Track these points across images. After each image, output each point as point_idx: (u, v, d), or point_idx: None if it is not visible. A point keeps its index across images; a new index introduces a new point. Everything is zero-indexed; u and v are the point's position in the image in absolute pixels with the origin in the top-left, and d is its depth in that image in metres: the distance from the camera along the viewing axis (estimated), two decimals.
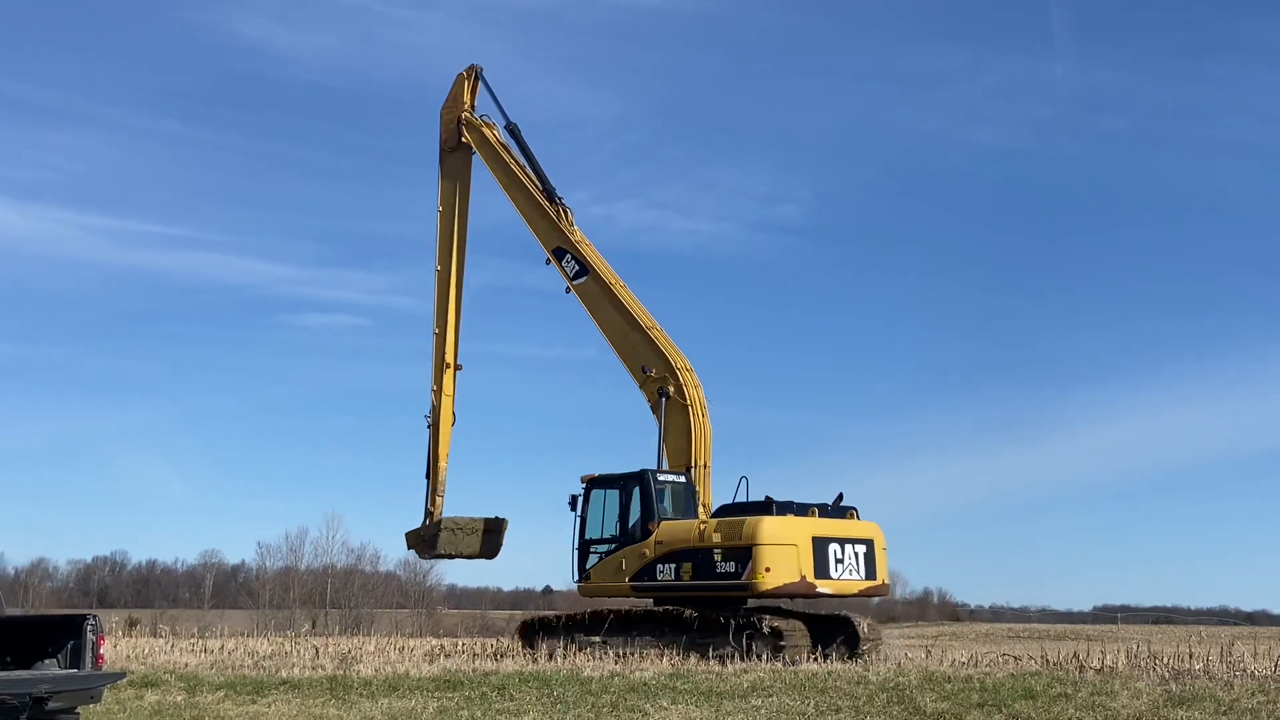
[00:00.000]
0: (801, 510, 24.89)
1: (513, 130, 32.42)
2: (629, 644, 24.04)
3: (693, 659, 22.50)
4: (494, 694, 19.15)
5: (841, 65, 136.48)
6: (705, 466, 27.05)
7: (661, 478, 26.33)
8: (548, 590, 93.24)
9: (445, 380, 31.69)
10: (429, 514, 30.65)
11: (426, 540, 30.63)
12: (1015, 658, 23.28)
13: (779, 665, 21.19)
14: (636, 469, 26.37)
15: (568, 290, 29.90)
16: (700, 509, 26.23)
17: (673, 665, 21.53)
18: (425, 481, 31.21)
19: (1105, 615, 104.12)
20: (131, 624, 46.71)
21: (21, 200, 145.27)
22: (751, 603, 24.76)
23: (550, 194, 30.87)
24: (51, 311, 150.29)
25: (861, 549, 24.99)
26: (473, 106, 33.75)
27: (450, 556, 31.04)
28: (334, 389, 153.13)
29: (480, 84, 33.93)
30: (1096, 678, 18.53)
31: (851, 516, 25.75)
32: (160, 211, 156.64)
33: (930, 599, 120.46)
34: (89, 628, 15.19)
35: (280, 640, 33.71)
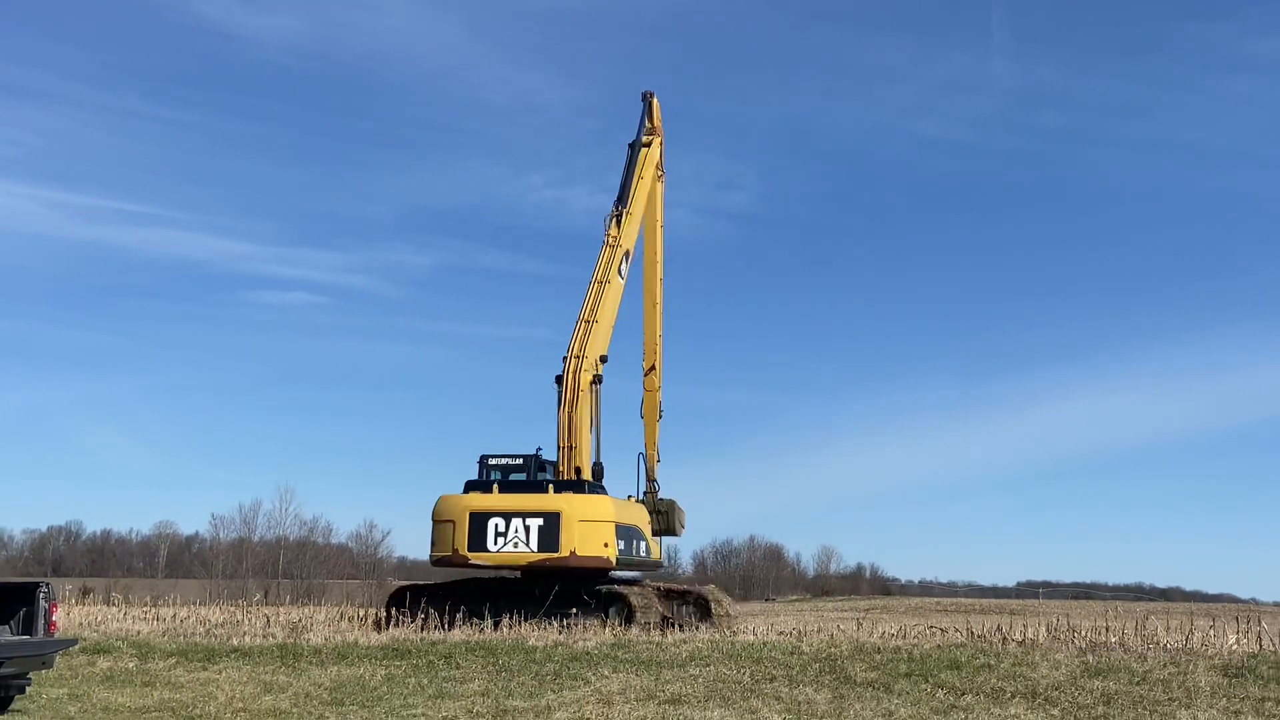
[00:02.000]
0: (486, 487, 26.11)
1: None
2: (488, 613, 24.24)
3: (554, 627, 22.81)
4: (441, 662, 19.08)
5: (792, 58, 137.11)
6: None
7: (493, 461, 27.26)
8: None
9: (647, 380, 32.11)
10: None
11: None
12: (942, 630, 23.46)
13: (658, 636, 21.67)
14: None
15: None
16: None
17: (614, 635, 21.55)
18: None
19: (1028, 591, 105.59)
20: (85, 592, 46.16)
21: None
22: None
23: None
24: (11, 284, 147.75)
25: (538, 522, 25.12)
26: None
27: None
28: (291, 364, 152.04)
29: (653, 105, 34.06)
30: (1018, 649, 18.70)
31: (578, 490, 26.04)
32: (122, 188, 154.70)
33: (863, 574, 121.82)
34: (41, 595, 15.00)
35: (232, 609, 33.36)
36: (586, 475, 26.54)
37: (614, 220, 30.58)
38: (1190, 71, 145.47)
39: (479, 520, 25.46)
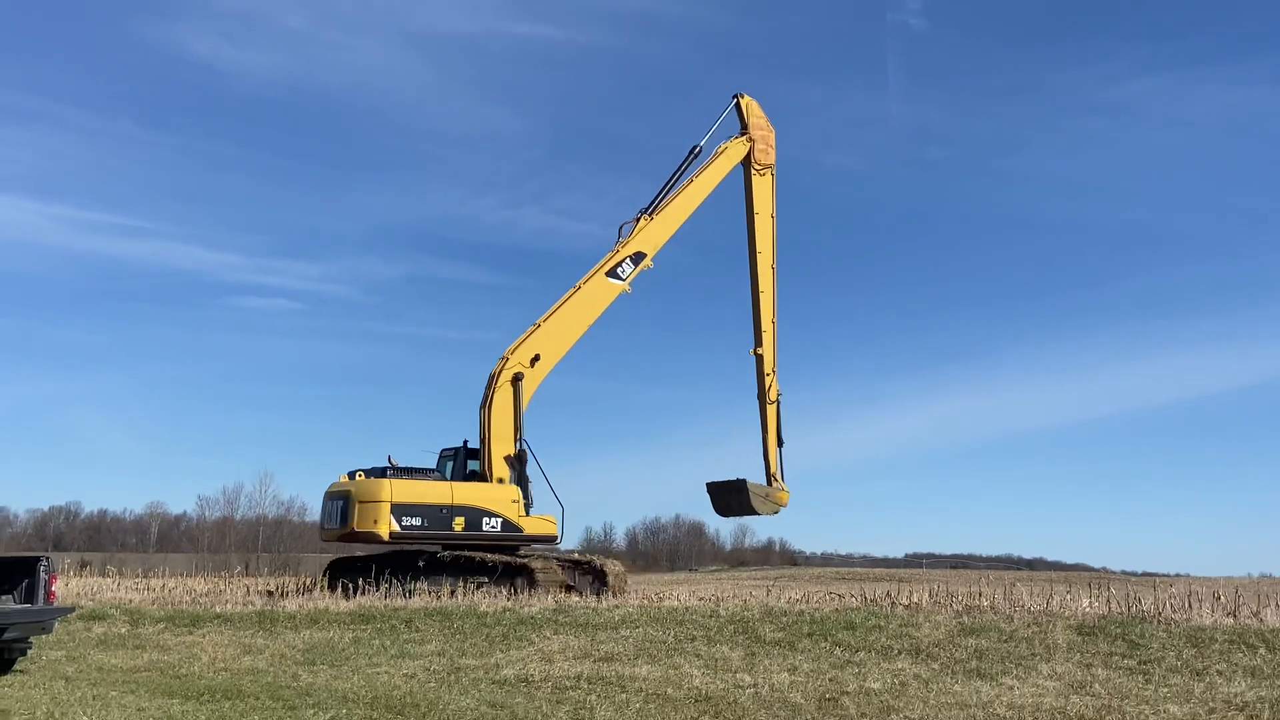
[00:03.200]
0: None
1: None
2: (412, 581, 24.18)
3: (497, 594, 22.80)
4: (402, 626, 18.91)
5: (715, 94, 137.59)
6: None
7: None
8: None
9: (757, 366, 30.09)
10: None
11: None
12: (840, 596, 23.62)
13: (595, 601, 21.93)
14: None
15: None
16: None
17: (556, 602, 21.48)
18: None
19: (914, 561, 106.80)
20: (83, 565, 45.22)
21: None
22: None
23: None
24: (17, 289, 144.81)
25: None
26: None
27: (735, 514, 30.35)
28: (270, 362, 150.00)
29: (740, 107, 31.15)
30: (904, 612, 18.84)
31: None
32: (117, 204, 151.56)
33: (773, 547, 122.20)
34: (42, 568, 14.76)
35: (215, 580, 32.86)
36: (499, 463, 26.41)
37: (633, 223, 28.87)
38: (1054, 115, 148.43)
39: (330, 501, 26.26)
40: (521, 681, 14.24)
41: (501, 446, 26.34)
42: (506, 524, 25.57)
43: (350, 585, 24.29)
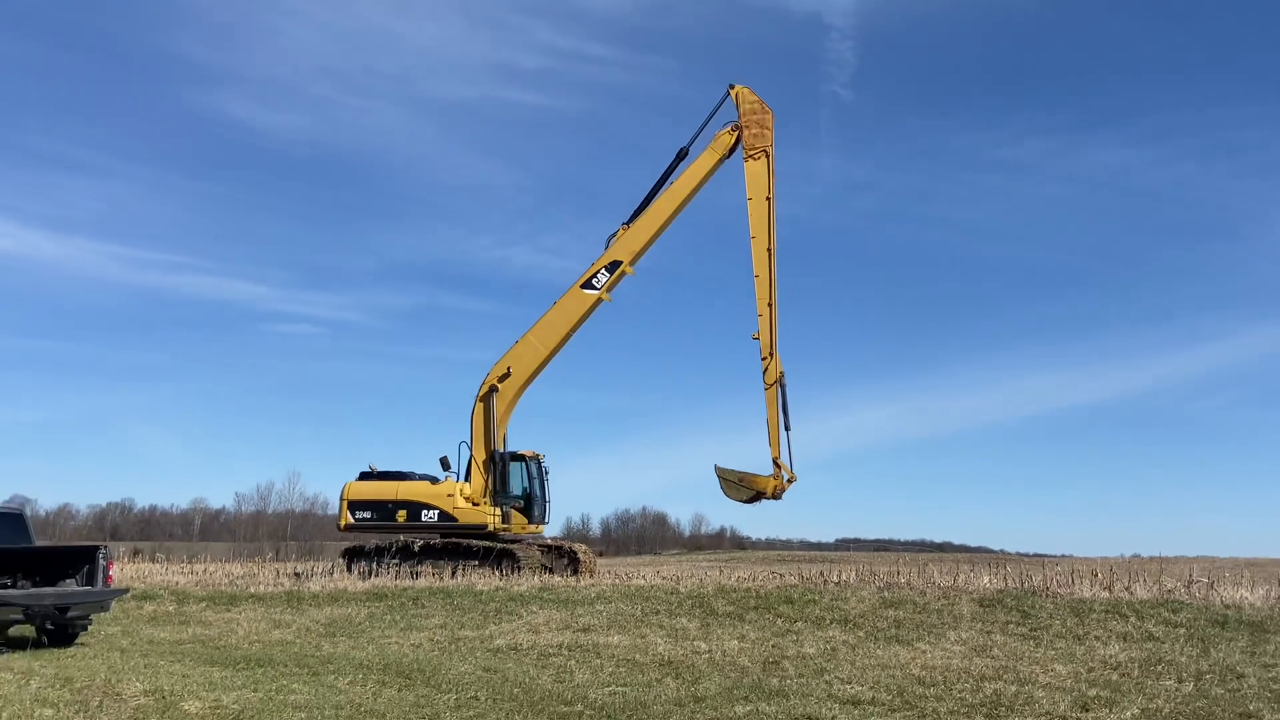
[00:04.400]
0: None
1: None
2: (418, 565, 23.99)
3: (480, 575, 22.62)
4: (410, 603, 18.74)
5: (673, 151, 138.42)
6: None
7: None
8: None
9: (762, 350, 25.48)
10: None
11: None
12: (781, 575, 23.62)
13: (575, 581, 21.83)
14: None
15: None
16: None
17: (541, 581, 21.36)
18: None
19: (843, 545, 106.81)
20: (135, 553, 44.52)
21: (55, 232, 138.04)
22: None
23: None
24: (80, 318, 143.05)
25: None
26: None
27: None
28: (297, 379, 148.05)
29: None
30: (835, 588, 18.86)
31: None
32: (166, 243, 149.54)
33: (725, 533, 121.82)
34: (101, 555, 14.56)
35: (250, 565, 32.44)
36: (475, 466, 26.00)
37: (612, 237, 26.09)
38: (960, 170, 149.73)
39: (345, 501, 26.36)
40: (512, 649, 14.17)
41: (478, 451, 25.98)
42: (443, 514, 25.32)
43: (365, 568, 24.38)
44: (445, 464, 25.63)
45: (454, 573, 23.14)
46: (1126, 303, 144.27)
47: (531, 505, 26.64)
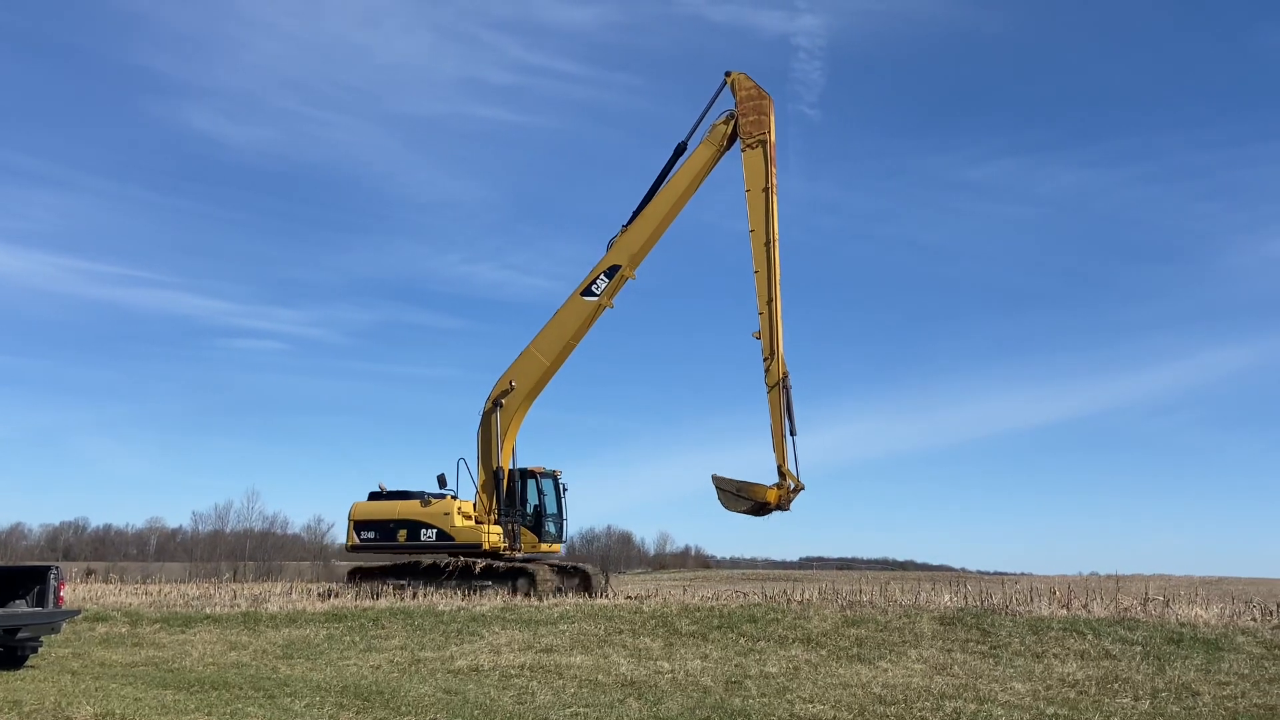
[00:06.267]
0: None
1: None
2: (424, 586, 23.78)
3: (492, 596, 22.36)
4: (370, 624, 18.50)
5: (642, 170, 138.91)
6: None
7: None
8: None
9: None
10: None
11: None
12: (744, 594, 23.63)
13: (513, 598, 21.60)
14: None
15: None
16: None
17: (504, 601, 21.19)
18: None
19: (806, 564, 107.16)
20: (89, 573, 43.60)
21: (12, 245, 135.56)
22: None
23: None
24: (36, 332, 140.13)
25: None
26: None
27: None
28: (258, 396, 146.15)
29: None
30: (798, 607, 18.83)
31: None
32: (125, 257, 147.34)
33: (689, 552, 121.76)
34: (52, 575, 14.29)
35: (206, 585, 31.90)
36: (481, 483, 25.74)
37: (611, 241, 25.08)
38: (924, 191, 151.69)
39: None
40: (473, 670, 14.02)
41: (483, 467, 25.63)
42: (440, 534, 25.08)
43: (374, 590, 24.17)
44: (442, 481, 25.31)
45: (466, 593, 22.69)
46: (1087, 323, 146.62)
47: (543, 523, 26.09)
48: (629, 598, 22.81)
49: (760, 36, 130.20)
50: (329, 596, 23.04)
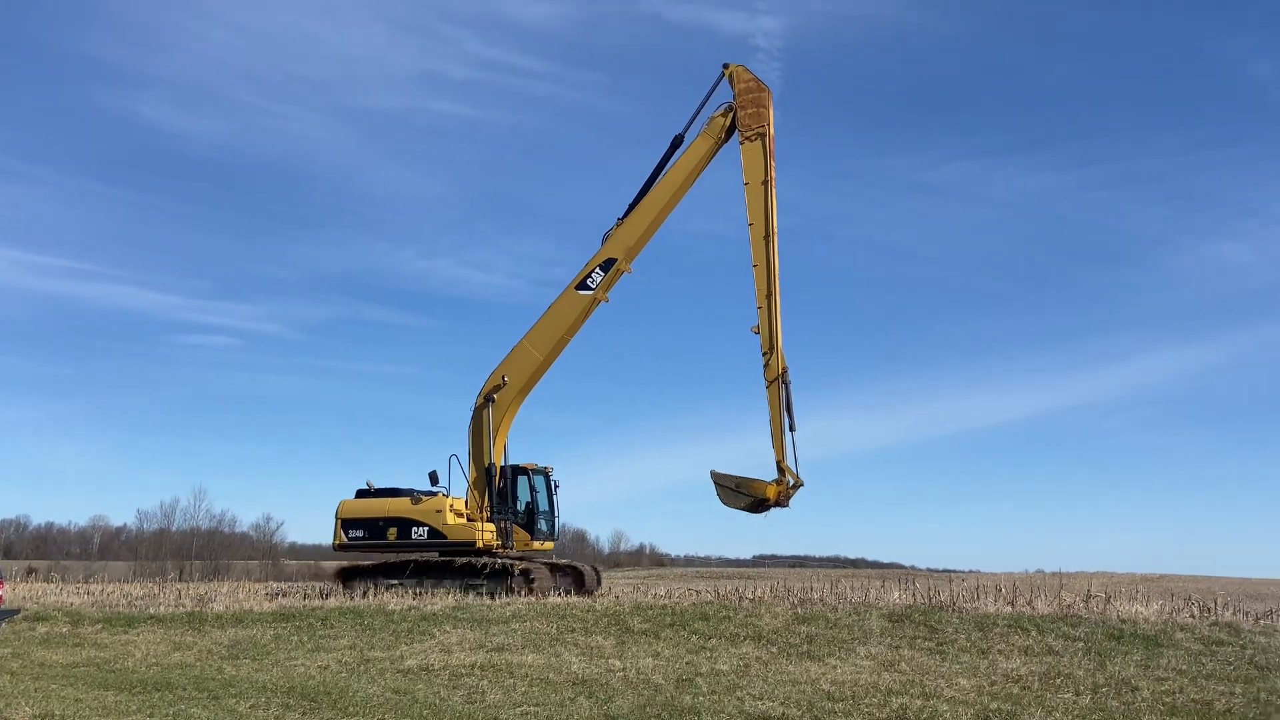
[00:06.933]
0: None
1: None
2: (420, 585, 23.44)
3: (470, 596, 22.04)
4: (319, 624, 18.28)
5: (610, 171, 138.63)
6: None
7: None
8: None
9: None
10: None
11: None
12: (697, 592, 23.74)
13: (533, 599, 21.06)
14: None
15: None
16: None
17: (455, 600, 21.06)
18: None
19: (760, 562, 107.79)
20: (29, 572, 42.53)
21: None
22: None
23: None
24: None
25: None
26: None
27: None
28: (209, 392, 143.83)
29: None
30: (750, 605, 18.92)
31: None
32: (73, 250, 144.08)
33: (644, 550, 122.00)
34: None
35: (151, 585, 31.32)
36: (473, 480, 25.29)
37: (607, 234, 24.79)
38: (882, 193, 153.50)
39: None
40: (423, 670, 13.92)
41: (474, 464, 25.26)
42: (432, 531, 24.66)
43: (364, 589, 23.64)
44: (434, 478, 24.84)
45: (466, 593, 22.36)
46: (1039, 325, 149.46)
47: (535, 521, 25.80)
48: (582, 596, 22.78)
49: (719, 36, 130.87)
50: (276, 596, 22.70)
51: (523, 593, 22.49)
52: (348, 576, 25.33)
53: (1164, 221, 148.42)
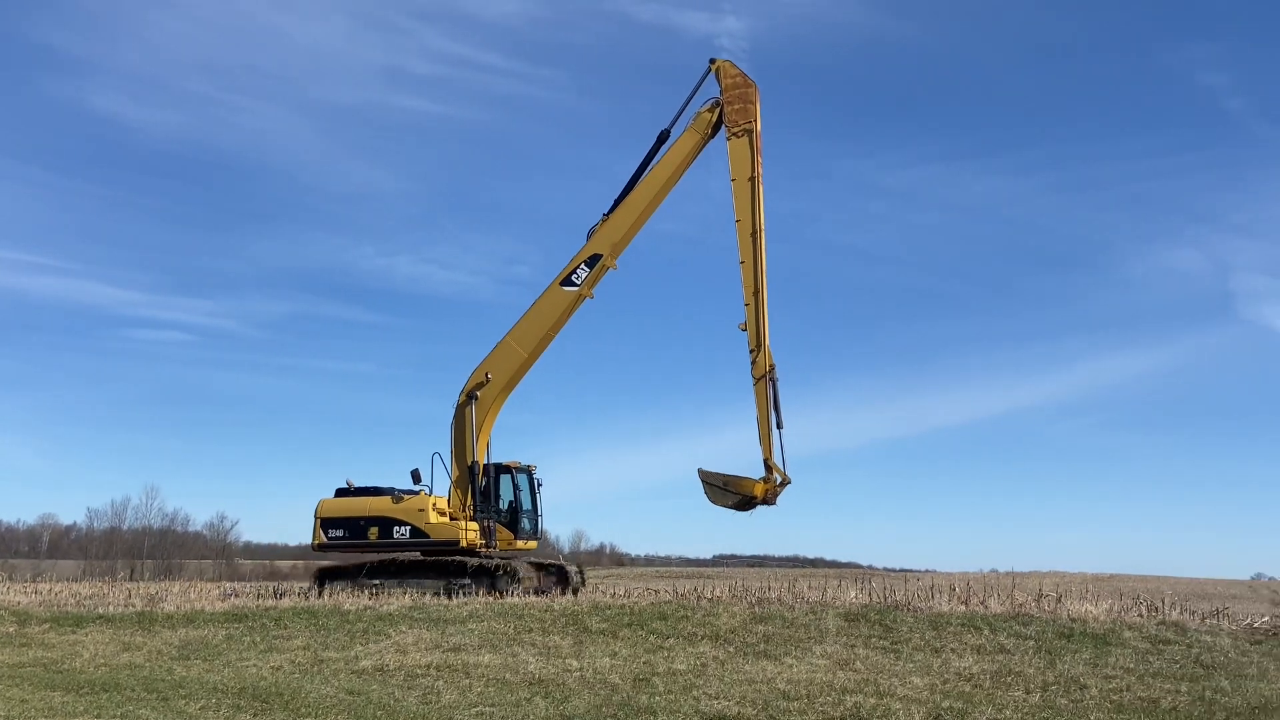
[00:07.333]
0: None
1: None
2: (400, 586, 23.13)
3: (438, 596, 21.80)
4: (272, 624, 18.05)
5: (571, 169, 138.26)
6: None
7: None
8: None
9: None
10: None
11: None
12: (656, 591, 23.74)
13: (495, 598, 20.95)
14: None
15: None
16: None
17: (412, 600, 20.89)
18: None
19: (720, 561, 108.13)
20: None
21: None
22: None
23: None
24: None
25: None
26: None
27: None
28: (162, 389, 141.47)
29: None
30: (708, 604, 18.95)
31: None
32: (23, 242, 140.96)
33: (605, 550, 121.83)
34: None
35: (100, 584, 30.76)
36: (456, 478, 24.99)
37: (593, 229, 24.64)
38: (844, 196, 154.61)
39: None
40: (378, 671, 13.80)
41: (457, 462, 24.96)
42: (414, 530, 24.30)
43: (342, 589, 23.17)
44: (416, 477, 24.51)
45: (449, 594, 22.02)
46: (996, 327, 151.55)
47: (518, 520, 25.50)
48: (540, 595, 22.70)
49: (685, 37, 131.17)
50: (229, 596, 22.37)
51: (511, 593, 22.32)
52: (326, 577, 24.90)
53: (1115, 227, 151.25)
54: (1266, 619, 18.28)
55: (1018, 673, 13.15)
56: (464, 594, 22.04)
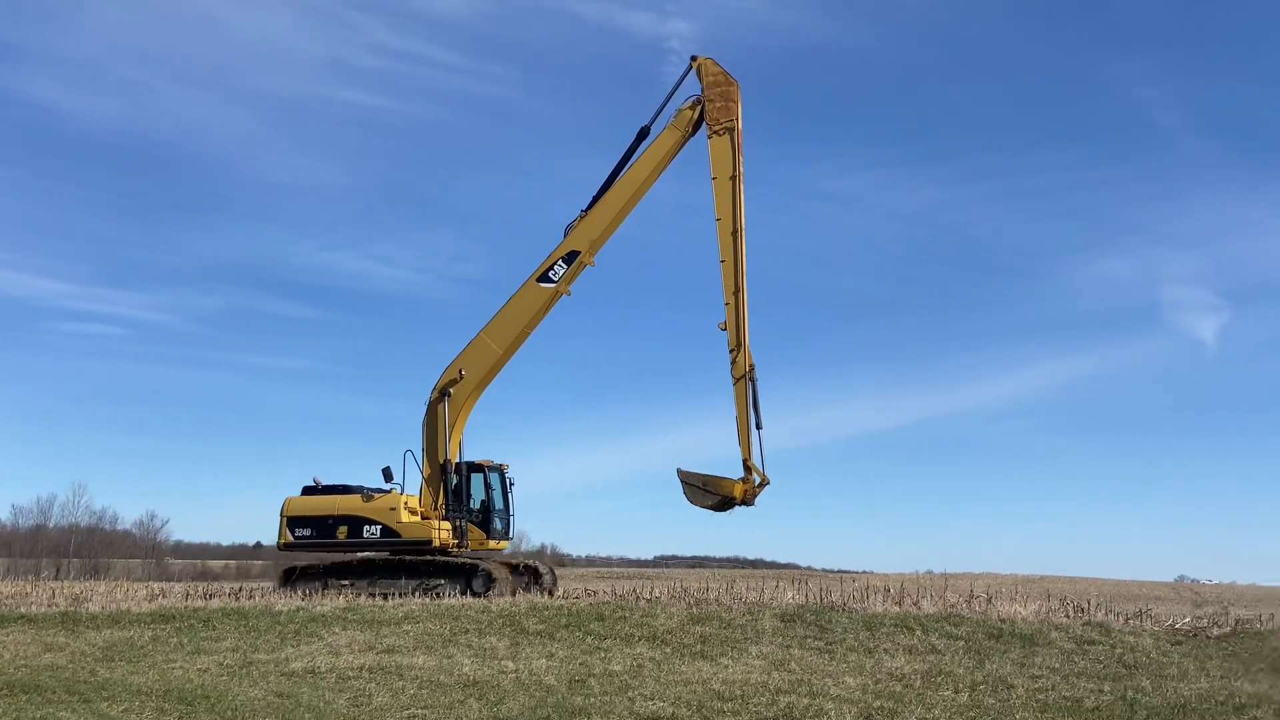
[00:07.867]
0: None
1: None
2: (371, 586, 22.76)
3: (429, 597, 21.43)
4: (200, 625, 17.65)
5: (524, 168, 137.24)
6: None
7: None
8: (258, 545, 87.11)
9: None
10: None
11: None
12: (594, 592, 23.70)
13: (427, 600, 20.73)
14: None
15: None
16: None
17: (346, 601, 20.57)
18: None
19: (661, 562, 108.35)
20: None
21: None
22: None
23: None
24: None
25: None
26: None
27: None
28: (91, 384, 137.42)
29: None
30: (646, 605, 18.97)
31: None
32: None
33: (545, 550, 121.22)
34: None
35: (23, 583, 29.79)
36: (428, 475, 24.59)
37: (570, 226, 24.35)
38: (788, 200, 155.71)
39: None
40: (309, 673, 13.57)
41: (428, 460, 24.48)
42: (385, 530, 23.79)
43: (308, 589, 22.64)
44: (388, 475, 24.02)
45: (427, 593, 21.59)
46: (934, 331, 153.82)
47: (490, 519, 25.11)
48: (478, 595, 22.53)
49: (632, 38, 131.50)
50: (157, 596, 21.84)
51: (485, 593, 22.05)
52: (292, 577, 24.33)
53: (1051, 236, 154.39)
54: (1188, 620, 18.86)
55: (948, 673, 13.38)
56: (439, 595, 21.72)
